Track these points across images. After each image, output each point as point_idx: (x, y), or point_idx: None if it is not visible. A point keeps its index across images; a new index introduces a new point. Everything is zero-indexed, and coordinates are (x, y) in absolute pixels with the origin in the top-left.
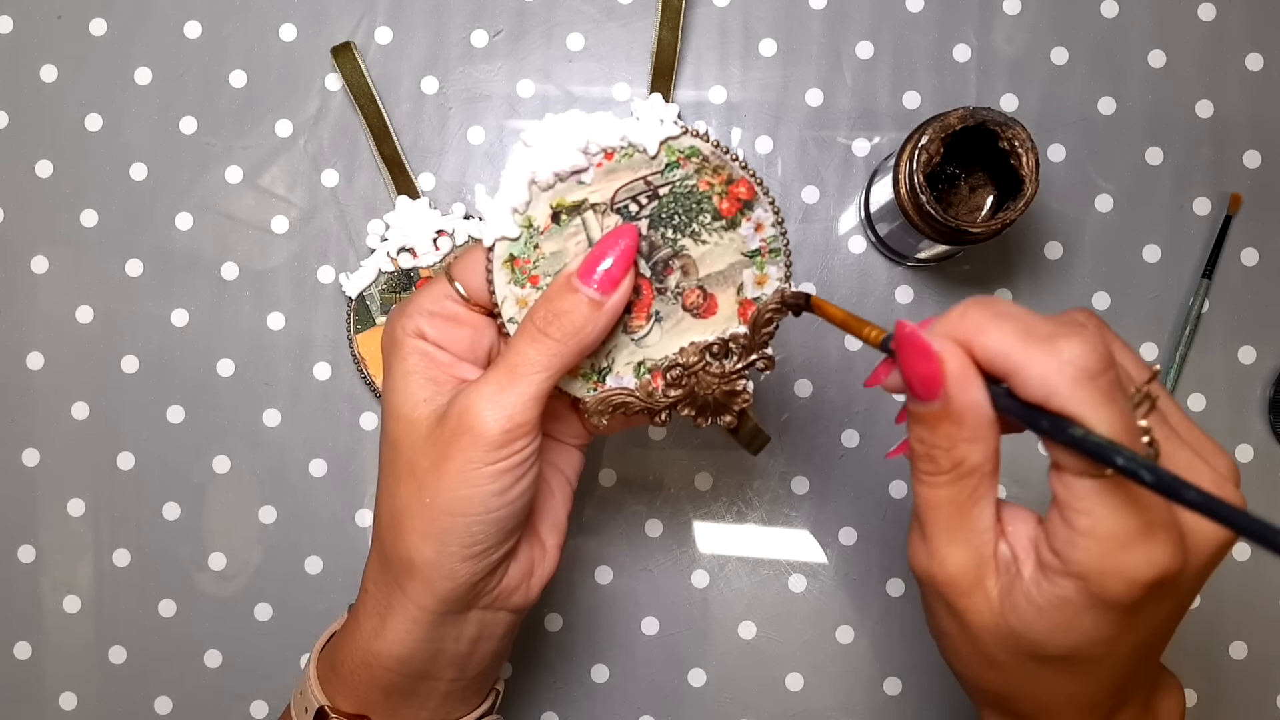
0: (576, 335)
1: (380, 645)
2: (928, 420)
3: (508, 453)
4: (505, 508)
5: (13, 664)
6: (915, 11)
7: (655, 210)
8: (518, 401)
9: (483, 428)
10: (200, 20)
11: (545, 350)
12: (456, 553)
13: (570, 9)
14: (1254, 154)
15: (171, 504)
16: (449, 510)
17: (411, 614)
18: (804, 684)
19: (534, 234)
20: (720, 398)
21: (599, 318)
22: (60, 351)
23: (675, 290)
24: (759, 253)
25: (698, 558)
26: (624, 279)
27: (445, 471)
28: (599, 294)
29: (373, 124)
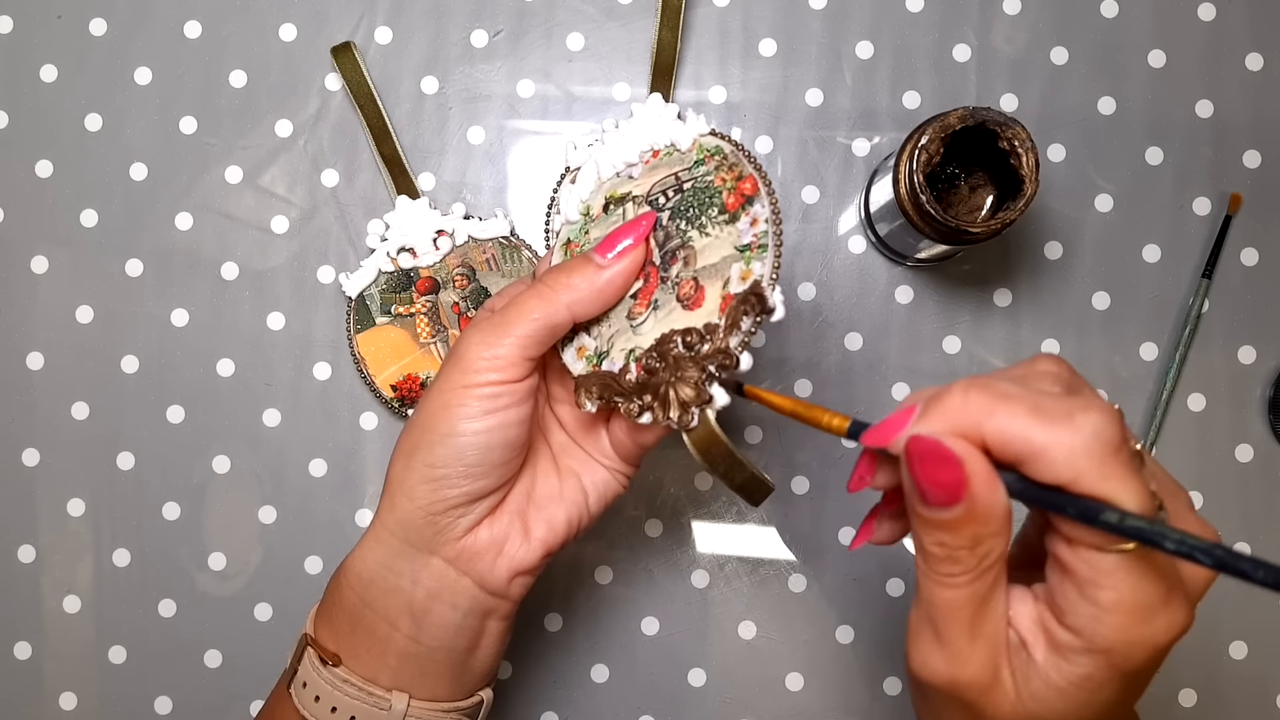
0: (568, 287)
1: (349, 561)
2: (949, 525)
3: (482, 380)
4: (472, 436)
5: (13, 664)
6: (915, 11)
7: (677, 203)
8: (502, 337)
9: (463, 352)
10: (200, 20)
11: (537, 297)
12: (419, 471)
13: (570, 9)
14: (1254, 154)
15: (171, 504)
16: (420, 425)
17: (376, 531)
18: (804, 684)
19: (588, 221)
20: (680, 394)
21: (595, 276)
22: (60, 351)
23: (674, 280)
24: (749, 247)
25: (698, 558)
26: (632, 252)
27: (428, 394)
28: (604, 259)
29: (373, 124)
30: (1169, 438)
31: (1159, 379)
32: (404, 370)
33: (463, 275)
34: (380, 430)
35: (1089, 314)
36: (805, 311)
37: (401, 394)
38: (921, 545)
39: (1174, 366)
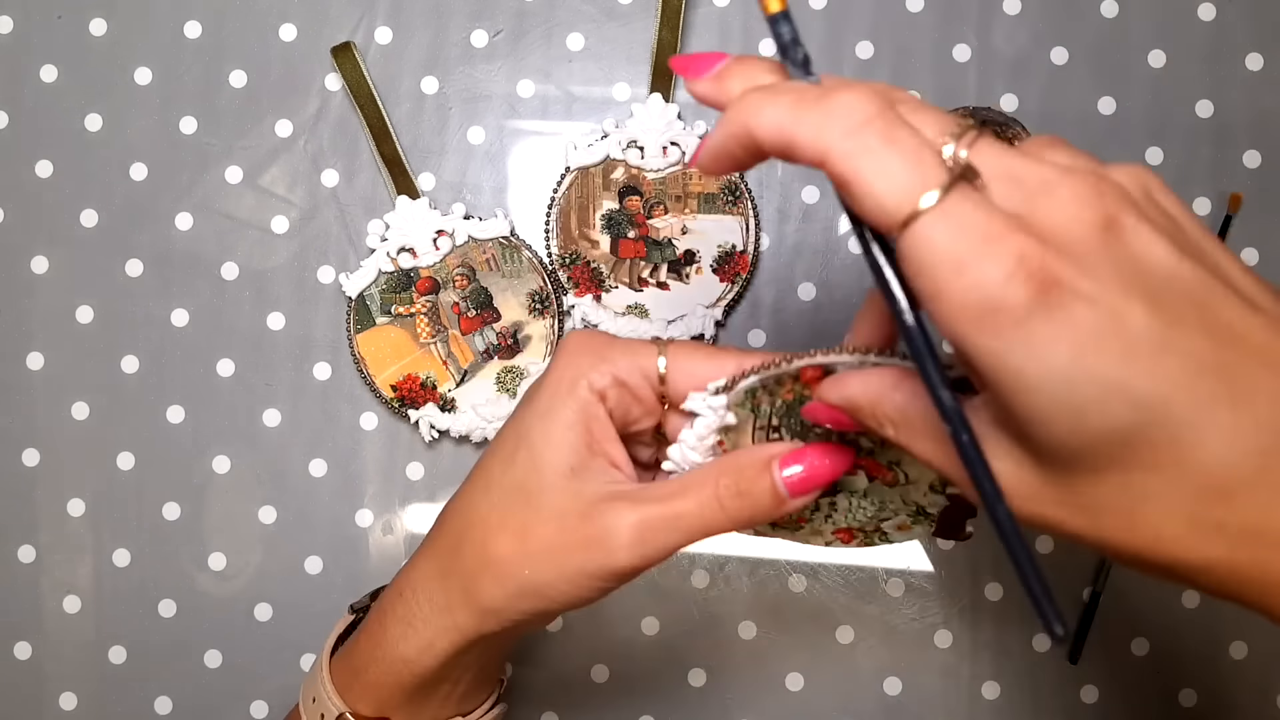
0: (746, 519)
1: (412, 655)
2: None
3: (615, 580)
4: (580, 604)
5: (13, 664)
6: (915, 11)
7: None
8: (661, 548)
9: (619, 559)
10: (200, 20)
11: (711, 519)
12: (522, 620)
13: (570, 9)
14: (1254, 154)
15: (171, 504)
16: (539, 594)
17: (454, 639)
18: (804, 684)
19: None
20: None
21: (772, 514)
22: (60, 351)
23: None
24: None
25: (698, 558)
26: (819, 487)
27: (559, 563)
28: (787, 491)
29: (373, 124)
30: None
31: None
32: (404, 370)
33: (463, 275)
34: (380, 430)
35: None
36: (805, 311)
37: (401, 394)
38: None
39: None
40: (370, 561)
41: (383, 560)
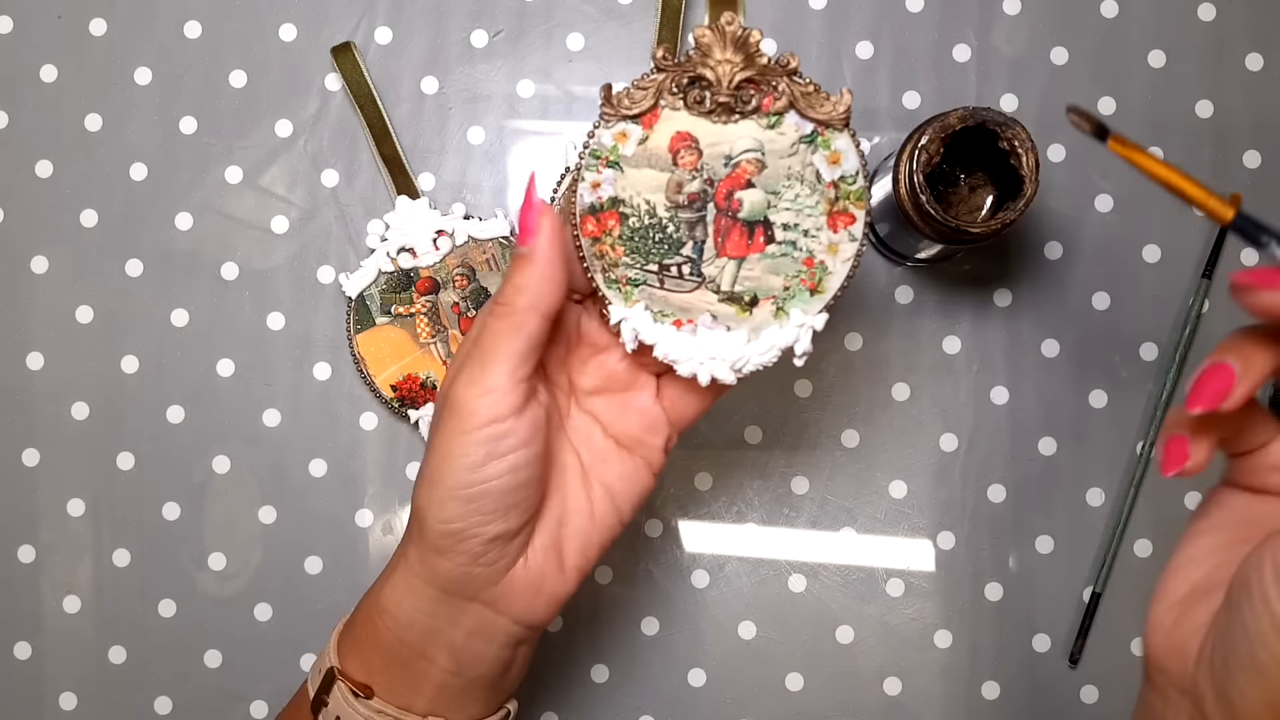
0: (518, 291)
1: (382, 601)
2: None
3: (480, 421)
4: (478, 484)
5: (13, 664)
6: (915, 11)
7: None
8: (486, 369)
9: (454, 397)
10: (200, 20)
11: (498, 315)
12: (435, 529)
13: (570, 9)
14: (1254, 154)
15: (171, 504)
16: (430, 479)
17: (409, 579)
18: (804, 684)
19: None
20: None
21: (530, 269)
22: (60, 351)
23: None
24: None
25: (698, 558)
26: (539, 226)
27: (428, 449)
28: (523, 248)
29: (373, 124)
30: None
31: (1159, 379)
32: (404, 370)
33: (463, 275)
34: (380, 430)
35: (1089, 314)
36: None
37: (401, 394)
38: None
39: (1174, 366)
40: (370, 561)
41: (383, 560)
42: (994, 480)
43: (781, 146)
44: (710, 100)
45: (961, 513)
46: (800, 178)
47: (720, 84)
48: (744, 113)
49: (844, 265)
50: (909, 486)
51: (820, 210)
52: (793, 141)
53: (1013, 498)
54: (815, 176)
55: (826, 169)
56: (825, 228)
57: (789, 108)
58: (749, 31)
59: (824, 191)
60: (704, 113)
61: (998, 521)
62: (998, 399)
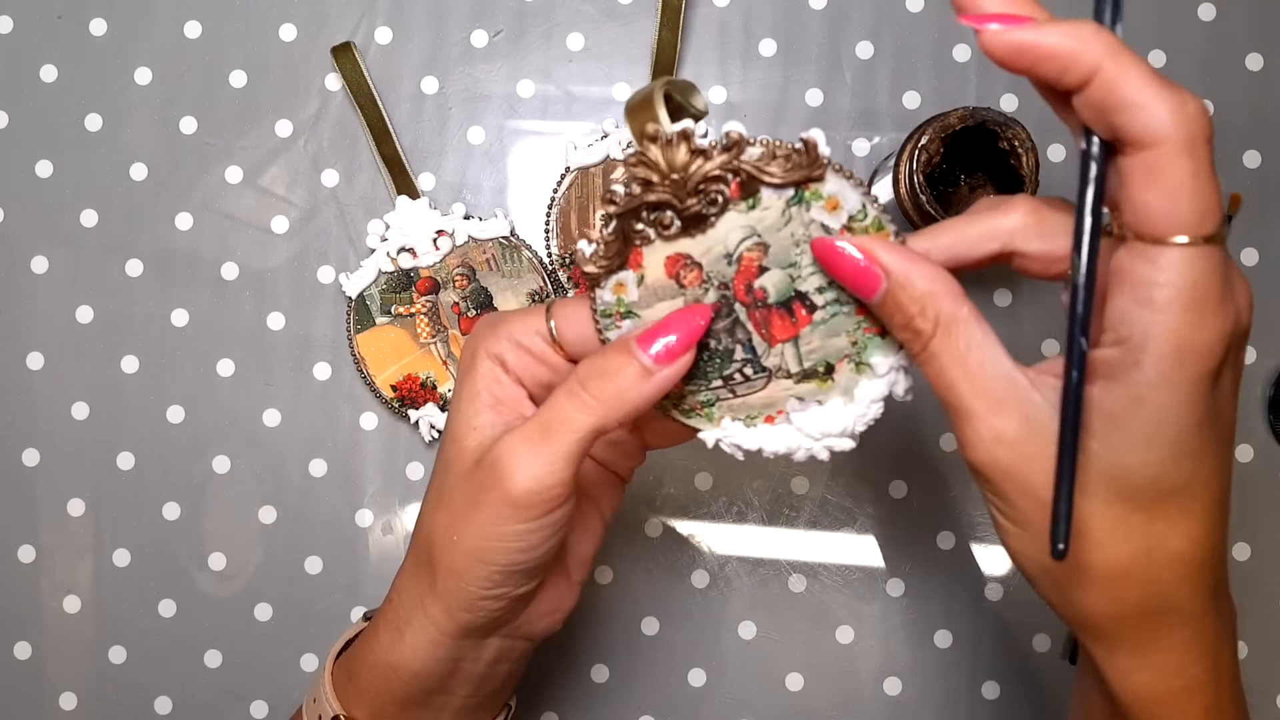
0: (618, 399)
1: (397, 658)
2: (886, 307)
3: (536, 513)
4: (530, 561)
5: (13, 664)
6: (915, 11)
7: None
8: (548, 460)
9: (510, 485)
10: (200, 20)
11: (582, 408)
12: (475, 592)
13: (570, 9)
14: (1254, 154)
15: (171, 504)
16: (471, 554)
17: (431, 634)
18: (804, 684)
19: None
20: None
21: (646, 387)
22: (60, 351)
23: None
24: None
25: (698, 558)
26: (684, 355)
27: (473, 518)
28: (654, 364)
29: (373, 124)
30: None
31: None
32: (404, 370)
33: (463, 275)
34: (380, 430)
35: None
36: None
37: (401, 394)
38: (897, 337)
39: None
40: (370, 561)
41: (383, 560)
42: None
43: (774, 220)
44: (674, 220)
45: (961, 513)
46: (809, 238)
47: (679, 203)
48: (719, 211)
49: None
50: (909, 486)
51: None
52: (781, 211)
53: None
54: (823, 230)
55: (830, 218)
56: None
57: (757, 185)
58: (674, 134)
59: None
60: (679, 234)
61: None
62: None
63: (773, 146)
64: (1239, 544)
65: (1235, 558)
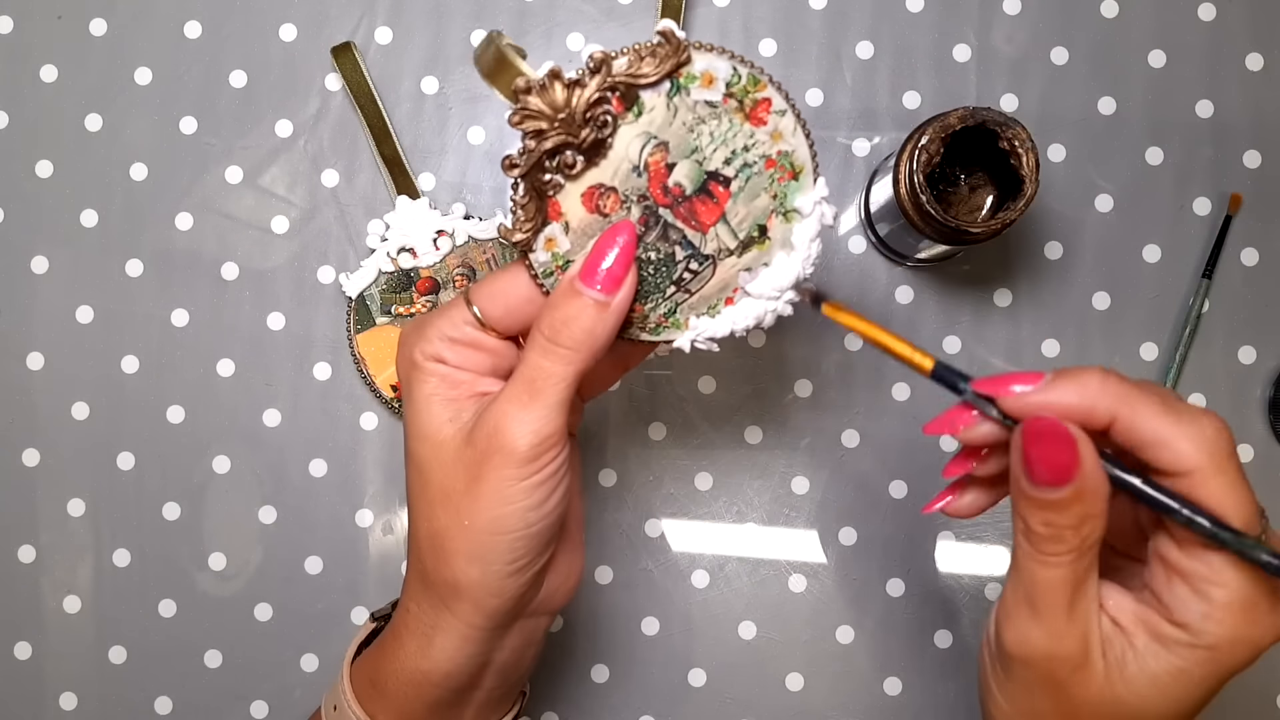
0: (588, 339)
1: (428, 664)
2: (1056, 505)
3: (539, 465)
4: (543, 520)
5: (13, 664)
6: (915, 11)
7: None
8: (542, 414)
9: (513, 445)
10: (200, 20)
11: (559, 360)
12: (501, 570)
13: (570, 9)
14: (1254, 154)
15: (171, 504)
16: (489, 529)
17: (461, 632)
18: (804, 684)
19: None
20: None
21: (608, 318)
22: (60, 351)
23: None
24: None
25: (698, 558)
26: (626, 276)
27: (480, 492)
28: (603, 295)
29: (373, 124)
30: None
31: (1159, 379)
32: None
33: (463, 275)
34: (380, 430)
35: (1089, 314)
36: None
37: (401, 394)
38: (1026, 524)
39: (1174, 366)
40: (370, 561)
41: (383, 560)
42: None
43: (662, 117)
44: (576, 157)
45: None
46: (700, 119)
47: (573, 138)
48: (611, 131)
49: (795, 134)
50: (909, 487)
51: (739, 123)
52: (666, 105)
53: None
54: (708, 106)
55: (708, 93)
56: (755, 130)
57: (636, 91)
58: (544, 78)
59: (725, 109)
60: (585, 167)
61: (998, 522)
62: None
63: (635, 50)
64: None
65: None
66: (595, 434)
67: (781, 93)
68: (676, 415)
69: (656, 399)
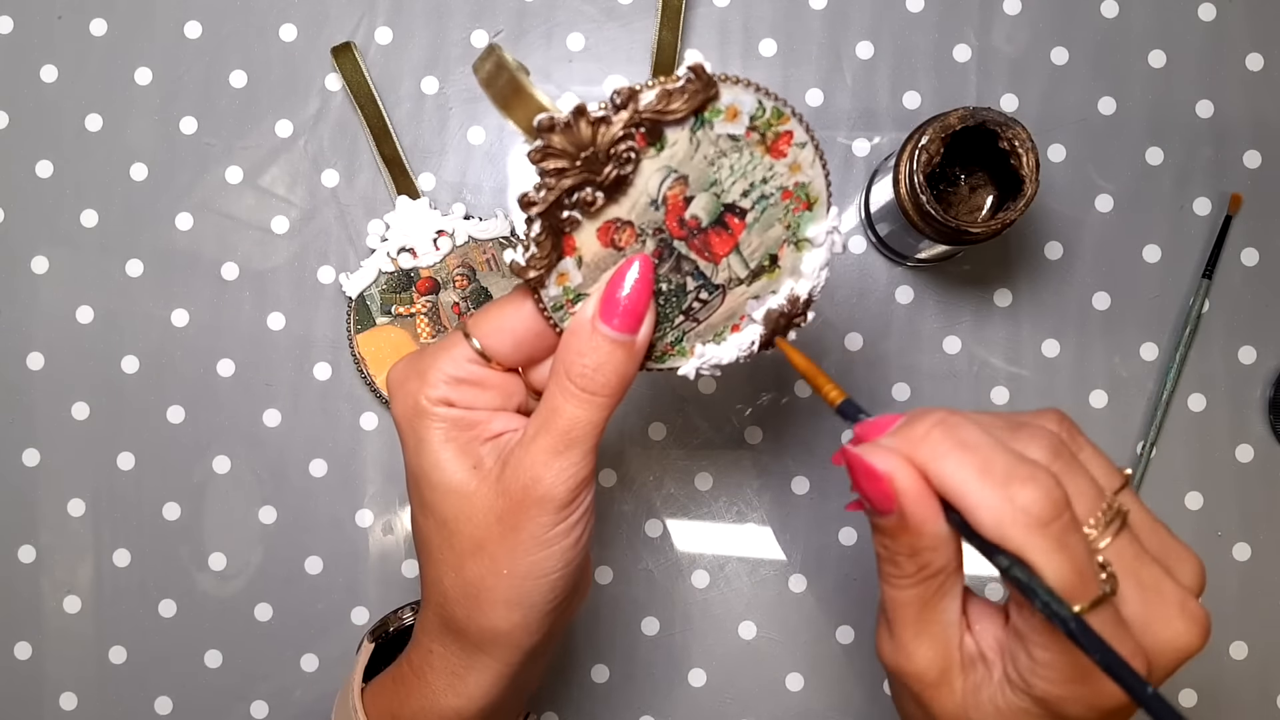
0: (620, 384)
1: (461, 702)
2: (888, 530)
3: (575, 507)
4: (579, 555)
5: (13, 664)
6: (915, 11)
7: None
8: (578, 460)
9: (552, 495)
10: (200, 20)
11: (594, 407)
12: (541, 609)
13: (570, 9)
14: (1254, 154)
15: (171, 504)
16: (529, 575)
17: (497, 671)
18: (804, 684)
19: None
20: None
21: (632, 356)
22: (60, 351)
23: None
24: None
25: (698, 558)
26: (646, 312)
27: (519, 541)
28: (627, 335)
29: (373, 124)
30: (1169, 438)
31: (1159, 379)
32: None
33: (463, 275)
34: (380, 430)
35: (1089, 314)
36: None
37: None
38: (875, 547)
39: (1174, 366)
40: (370, 561)
41: (383, 560)
42: None
43: (685, 151)
44: (596, 195)
45: None
46: (722, 153)
47: (595, 178)
48: (635, 167)
49: (813, 166)
50: None
51: (759, 156)
52: (689, 139)
53: None
54: (730, 140)
55: (733, 128)
56: (775, 163)
57: (659, 129)
58: (567, 117)
59: (747, 143)
60: (605, 205)
61: None
62: (998, 399)
63: (663, 85)
64: (1239, 544)
65: (1235, 557)
66: None
67: (803, 125)
68: (676, 415)
69: (656, 399)
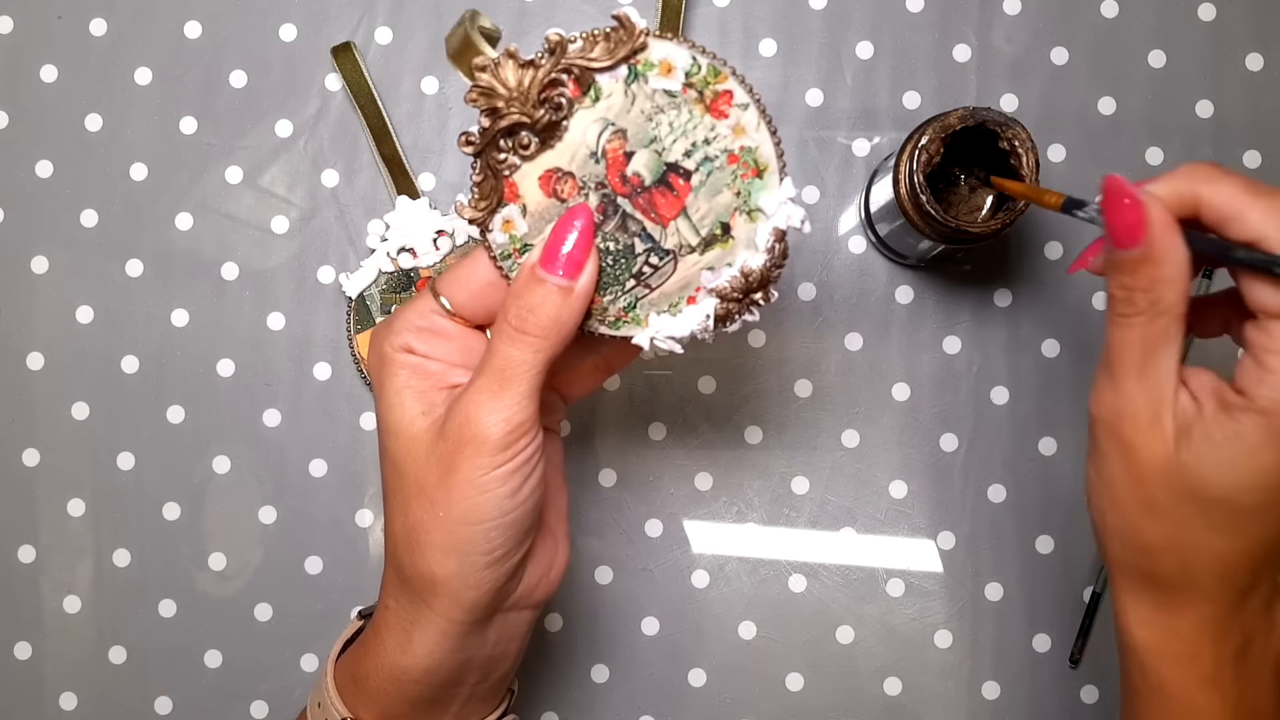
0: (554, 325)
1: (408, 660)
2: (1129, 266)
3: (512, 453)
4: (518, 508)
5: (13, 664)
6: (915, 11)
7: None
8: (513, 402)
9: (485, 434)
10: (200, 20)
11: (527, 347)
12: (478, 561)
13: (570, 9)
14: (1254, 154)
15: (171, 504)
16: (464, 519)
17: (440, 626)
18: (804, 684)
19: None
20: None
21: (573, 303)
22: (60, 351)
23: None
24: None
25: (698, 558)
26: (587, 260)
27: (454, 482)
28: (566, 280)
29: (373, 124)
30: None
31: None
32: None
33: None
34: None
35: (1089, 314)
36: (805, 311)
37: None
38: (1109, 291)
39: None
40: (370, 561)
41: (382, 560)
42: (994, 480)
43: (620, 104)
44: (531, 137)
45: (961, 513)
46: (659, 108)
47: (527, 119)
48: (568, 113)
49: (759, 130)
50: (909, 486)
51: (699, 115)
52: (624, 92)
53: (1013, 498)
54: (667, 95)
55: (669, 82)
56: (716, 123)
57: (591, 75)
58: (499, 57)
59: (685, 100)
60: (540, 149)
61: (998, 521)
62: (998, 399)
63: (591, 34)
64: None
65: None
66: (595, 434)
67: (745, 86)
68: (676, 415)
69: (656, 399)
